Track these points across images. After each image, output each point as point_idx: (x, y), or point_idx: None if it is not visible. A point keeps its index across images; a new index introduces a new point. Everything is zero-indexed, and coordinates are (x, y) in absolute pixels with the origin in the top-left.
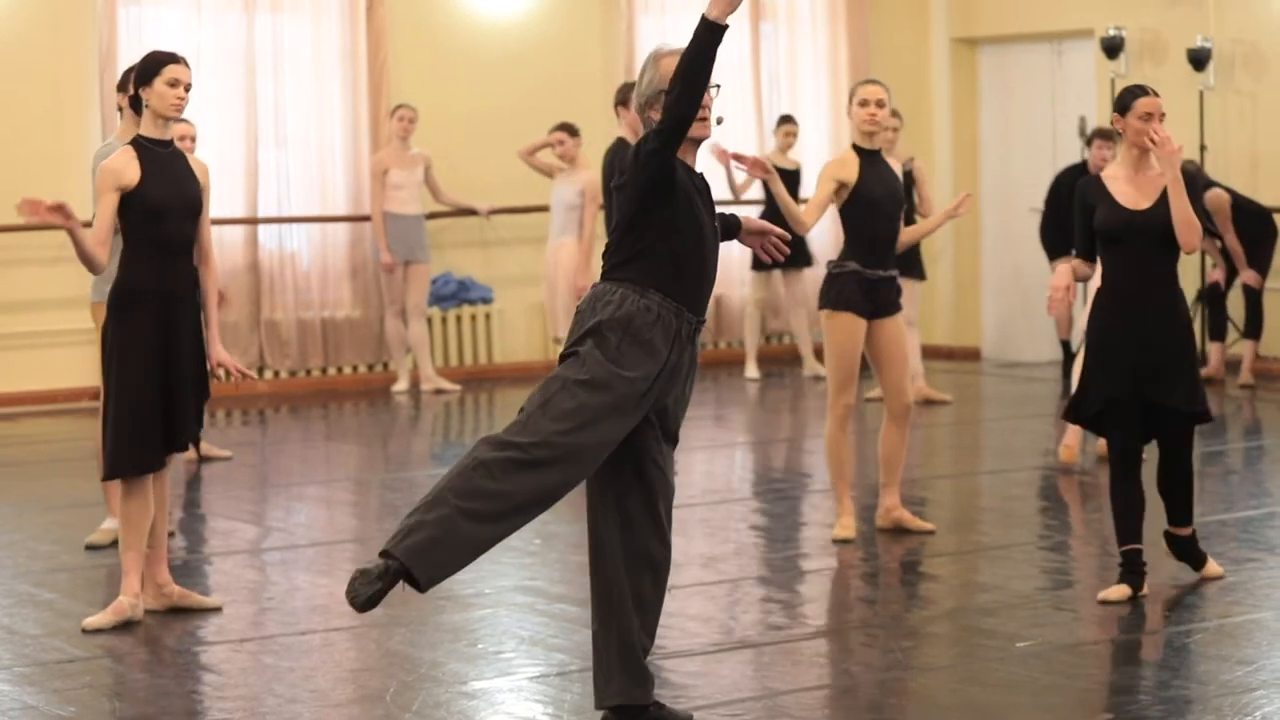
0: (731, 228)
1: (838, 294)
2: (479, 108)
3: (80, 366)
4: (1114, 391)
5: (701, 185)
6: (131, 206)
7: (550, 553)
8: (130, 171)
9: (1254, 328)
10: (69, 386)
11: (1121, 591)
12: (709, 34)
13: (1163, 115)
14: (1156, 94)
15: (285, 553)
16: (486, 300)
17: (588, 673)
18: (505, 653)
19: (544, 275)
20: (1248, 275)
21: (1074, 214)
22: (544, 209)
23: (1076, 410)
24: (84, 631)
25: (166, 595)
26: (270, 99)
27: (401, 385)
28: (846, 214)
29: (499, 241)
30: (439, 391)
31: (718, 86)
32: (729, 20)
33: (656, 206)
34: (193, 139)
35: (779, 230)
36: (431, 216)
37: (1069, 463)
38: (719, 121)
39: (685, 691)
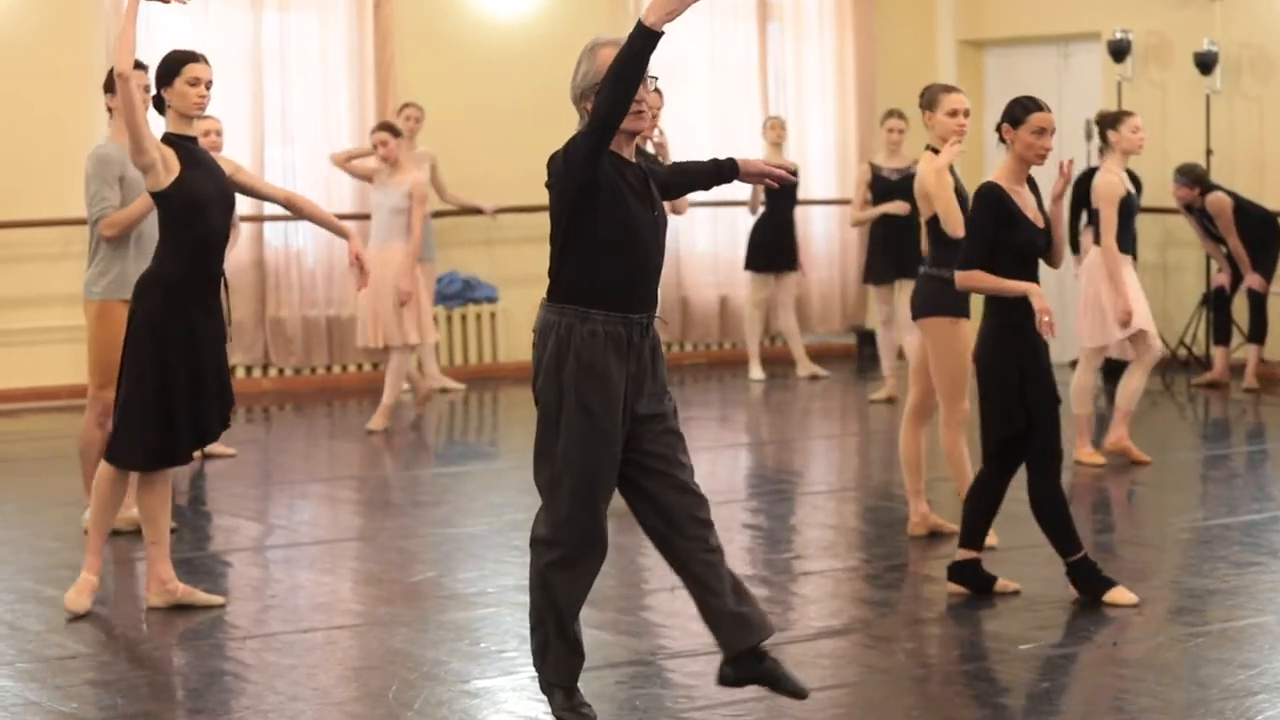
0: (728, 172)
1: (956, 300)
2: (485, 107)
3: (82, 363)
4: (1025, 407)
5: (635, 177)
6: (174, 199)
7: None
8: (173, 162)
9: (1258, 332)
10: (71, 383)
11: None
12: (644, 40)
13: (1052, 130)
14: (1049, 109)
15: (288, 550)
16: (491, 299)
17: (589, 672)
18: (508, 651)
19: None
20: (1252, 279)
21: (982, 220)
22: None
23: (1006, 428)
24: (68, 612)
25: (170, 592)
26: (277, 97)
27: (406, 384)
28: (933, 221)
29: (504, 240)
30: (443, 390)
31: (654, 78)
32: (665, 29)
33: (585, 214)
34: (218, 133)
35: (777, 167)
36: (437, 215)
37: (1092, 462)
38: (659, 132)
39: (688, 692)
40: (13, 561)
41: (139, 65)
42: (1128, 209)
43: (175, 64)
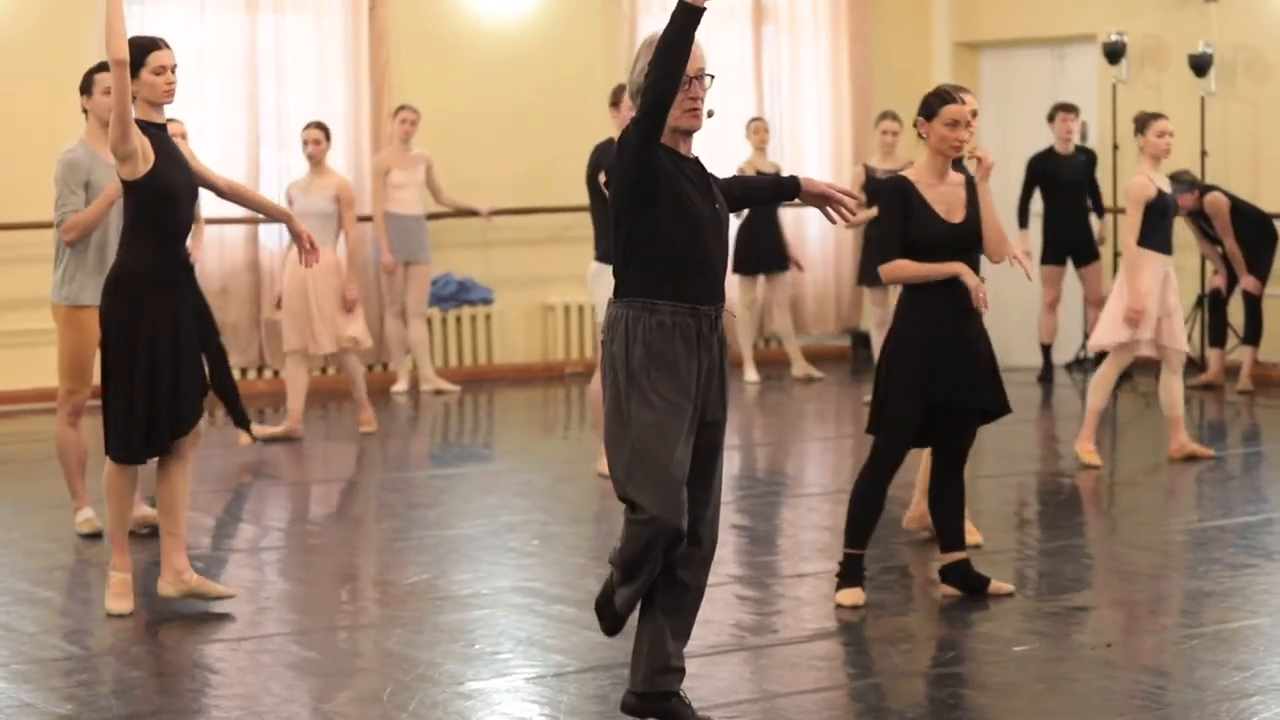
0: (789, 189)
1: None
2: (480, 109)
3: None
4: (926, 399)
5: (694, 172)
6: (147, 189)
7: (549, 554)
8: (149, 152)
9: (1253, 334)
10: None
11: (857, 596)
12: (685, 16)
13: (970, 122)
14: (965, 100)
15: (283, 551)
16: (486, 301)
17: (585, 674)
18: (502, 653)
19: (285, 289)
20: (1248, 281)
21: (888, 213)
22: (545, 210)
23: (880, 418)
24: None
25: (185, 581)
26: (272, 99)
27: (401, 385)
28: None
29: (500, 243)
30: (438, 392)
31: (711, 77)
32: (706, 3)
33: (645, 204)
34: (183, 136)
35: (842, 192)
36: (432, 217)
37: (1090, 463)
38: (710, 114)
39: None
40: (7, 563)
41: (103, 66)
42: (1159, 209)
43: (139, 53)
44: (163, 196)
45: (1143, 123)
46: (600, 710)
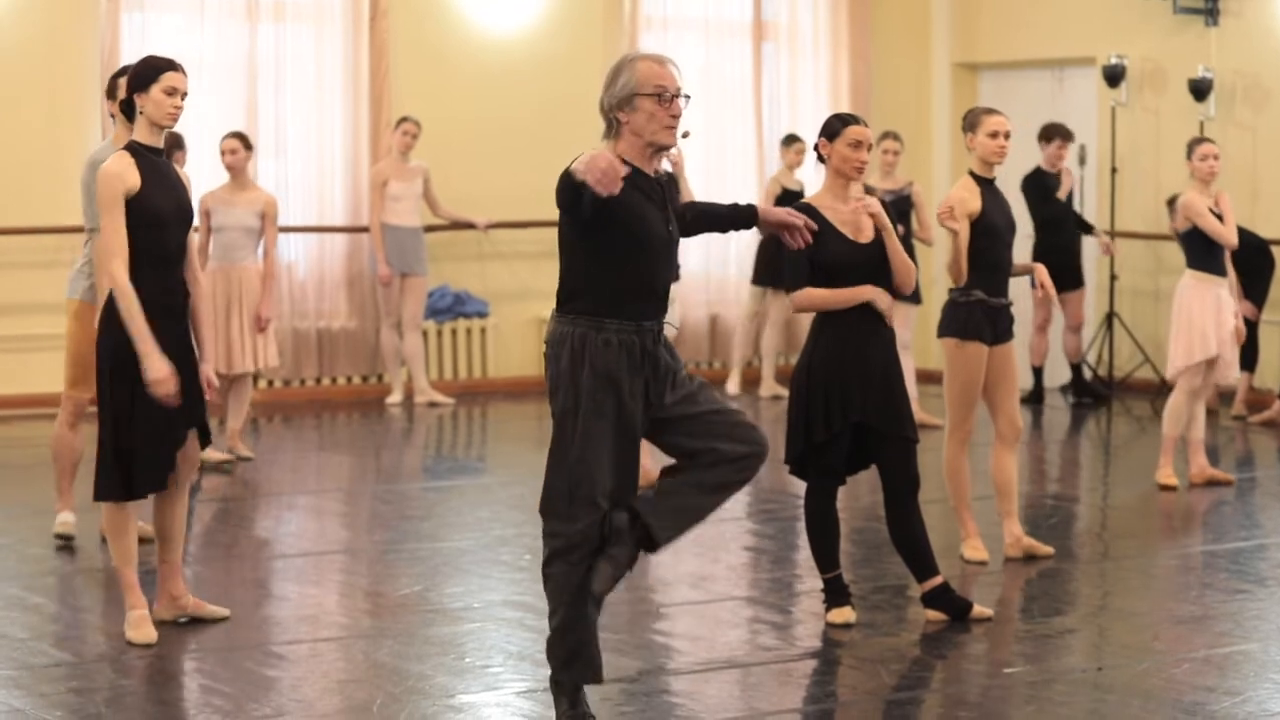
0: (745, 218)
1: (965, 322)
2: (479, 122)
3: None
4: (845, 421)
5: (650, 187)
6: (132, 214)
7: (540, 568)
8: (131, 177)
9: (1248, 360)
10: (59, 391)
11: (848, 614)
12: (567, 179)
13: (870, 146)
14: (865, 124)
15: (275, 562)
16: (482, 314)
17: None
18: (493, 667)
19: (210, 304)
20: (1244, 307)
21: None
22: (542, 224)
23: (799, 445)
24: (130, 644)
25: (181, 606)
26: (271, 108)
27: (395, 397)
28: (970, 243)
29: (496, 256)
30: (433, 404)
31: (687, 97)
32: (584, 180)
33: (594, 225)
34: (234, 151)
35: (799, 219)
36: (429, 229)
37: (1166, 483)
38: (685, 135)
39: (672, 711)
40: None
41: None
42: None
43: (154, 70)
44: (145, 222)
45: (1190, 146)
46: None
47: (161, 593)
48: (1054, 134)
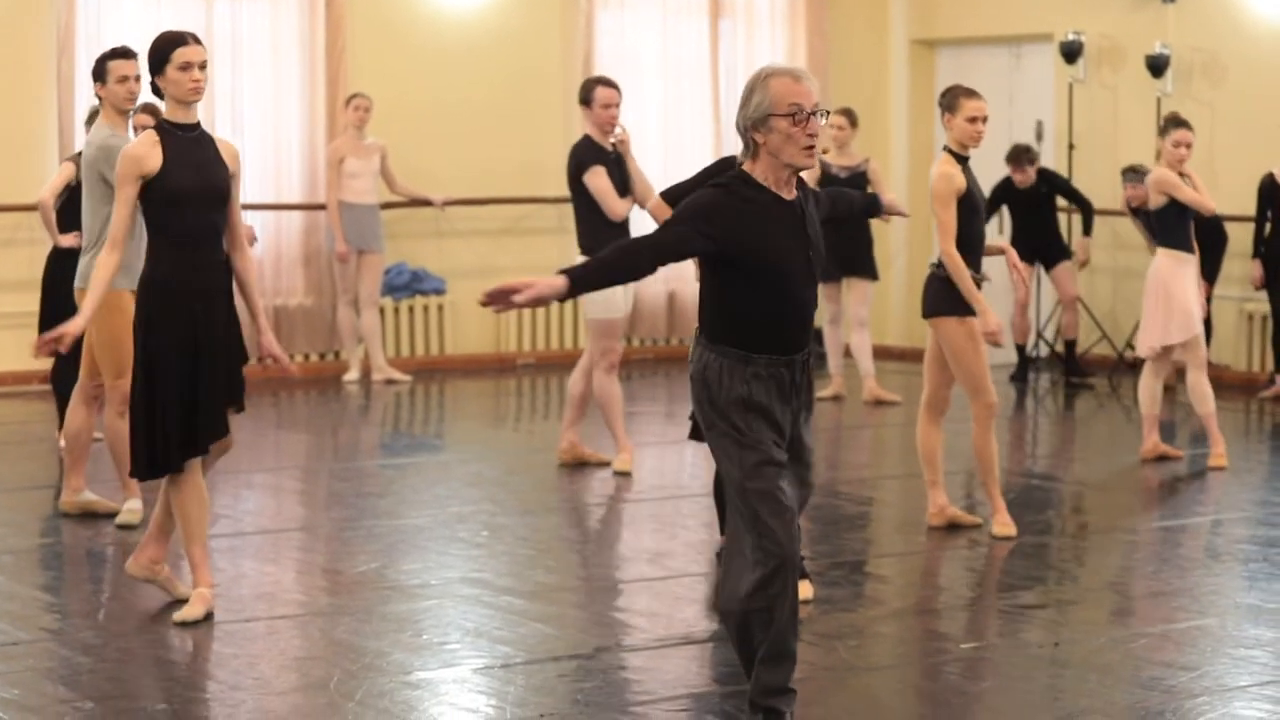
0: (873, 208)
1: (958, 299)
2: (436, 99)
3: (27, 350)
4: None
5: (786, 215)
6: (152, 195)
7: (498, 545)
8: (152, 159)
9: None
10: (16, 369)
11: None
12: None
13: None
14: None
15: (232, 539)
16: (439, 291)
17: (532, 665)
18: (450, 644)
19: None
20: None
21: None
22: (499, 201)
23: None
24: (177, 624)
25: (154, 572)
26: (227, 86)
27: (353, 375)
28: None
29: (453, 233)
30: (390, 382)
31: (826, 113)
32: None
33: (728, 262)
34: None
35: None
36: (386, 206)
37: (1168, 455)
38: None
39: (628, 686)
40: None
41: (128, 53)
42: (1178, 206)
43: (165, 50)
44: (164, 200)
45: (1164, 127)
46: (548, 702)
47: (142, 551)
48: (1017, 155)
